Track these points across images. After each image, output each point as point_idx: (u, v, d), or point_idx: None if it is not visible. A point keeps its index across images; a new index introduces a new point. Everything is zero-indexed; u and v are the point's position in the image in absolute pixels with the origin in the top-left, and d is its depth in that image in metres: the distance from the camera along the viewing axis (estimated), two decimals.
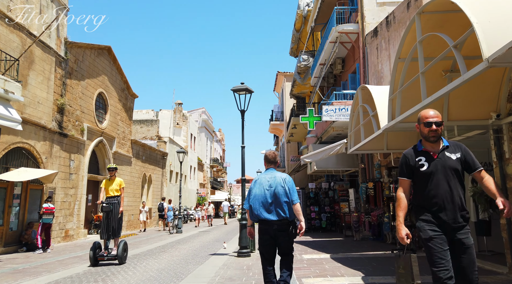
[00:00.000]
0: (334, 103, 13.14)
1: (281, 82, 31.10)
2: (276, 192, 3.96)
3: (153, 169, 23.49)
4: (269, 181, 4.05)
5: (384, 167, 11.91)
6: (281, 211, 3.92)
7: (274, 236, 3.91)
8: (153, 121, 26.65)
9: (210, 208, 20.33)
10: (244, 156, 8.86)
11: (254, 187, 4.11)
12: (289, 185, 4.04)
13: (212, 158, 47.39)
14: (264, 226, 3.96)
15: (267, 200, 3.96)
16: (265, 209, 3.95)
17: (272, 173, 4.14)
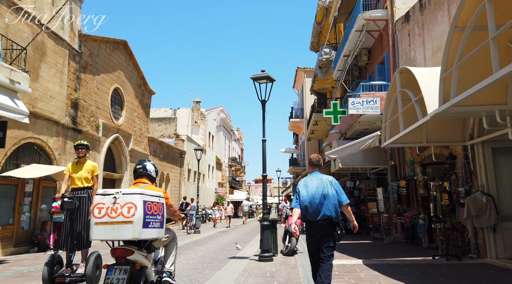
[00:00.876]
0: (361, 95, 12.18)
1: (301, 78, 30.16)
2: (324, 193, 4.09)
3: (171, 167, 23.04)
4: (316, 183, 4.19)
5: (418, 164, 10.89)
6: (328, 212, 4.04)
7: (319, 236, 4.05)
8: (171, 119, 26.26)
9: (229, 208, 19.65)
10: (265, 150, 8.08)
11: (302, 189, 4.24)
12: (336, 187, 4.18)
13: (230, 157, 46.87)
14: (312, 226, 4.11)
15: (315, 201, 4.07)
16: (313, 210, 4.07)
17: (318, 175, 4.30)
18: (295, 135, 35.03)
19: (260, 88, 8.24)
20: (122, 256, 3.27)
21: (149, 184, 4.11)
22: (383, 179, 15.44)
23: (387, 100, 7.51)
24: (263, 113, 8.27)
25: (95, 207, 3.23)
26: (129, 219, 3.16)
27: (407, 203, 10.98)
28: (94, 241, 3.68)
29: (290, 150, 29.83)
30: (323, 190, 4.12)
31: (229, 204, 19.47)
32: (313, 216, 4.05)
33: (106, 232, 3.18)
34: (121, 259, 3.28)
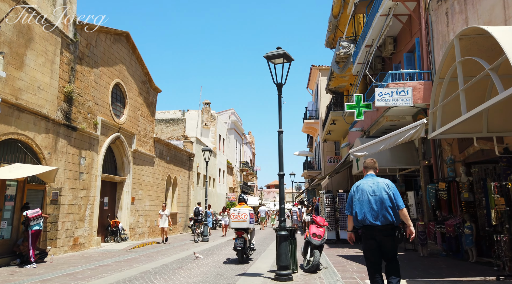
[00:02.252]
0: (390, 85, 10.65)
1: (315, 77, 28.66)
2: (381, 197, 4.01)
3: (179, 170, 21.75)
4: (372, 186, 4.11)
5: (461, 163, 9.27)
6: (387, 216, 3.95)
7: (379, 241, 3.98)
8: (179, 121, 25.04)
9: None
10: (282, 144, 6.63)
11: (357, 193, 4.15)
12: (393, 190, 4.10)
13: (241, 161, 45.48)
14: (369, 231, 4.02)
15: (373, 206, 4.01)
16: (371, 214, 4.00)
17: (374, 178, 4.21)
18: (309, 138, 33.44)
19: (275, 69, 6.82)
20: (241, 234, 8.69)
21: (245, 205, 9.28)
22: (412, 181, 13.78)
23: (436, 80, 5.98)
24: (279, 99, 6.84)
25: (231, 215, 8.96)
26: (244, 219, 8.77)
27: (448, 209, 9.36)
28: None
29: (305, 153, 28.27)
30: (380, 193, 4.03)
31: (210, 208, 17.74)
32: (373, 222, 3.98)
33: (236, 224, 8.75)
34: (240, 235, 8.69)
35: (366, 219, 4.01)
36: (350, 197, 4.24)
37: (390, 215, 3.97)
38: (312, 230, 7.54)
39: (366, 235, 4.08)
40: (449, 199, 9.33)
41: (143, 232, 16.52)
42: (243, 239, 8.67)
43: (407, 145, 12.53)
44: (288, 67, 6.84)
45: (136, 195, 15.89)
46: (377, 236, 3.98)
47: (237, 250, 8.73)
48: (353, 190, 4.26)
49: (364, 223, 4.03)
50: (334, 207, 14.50)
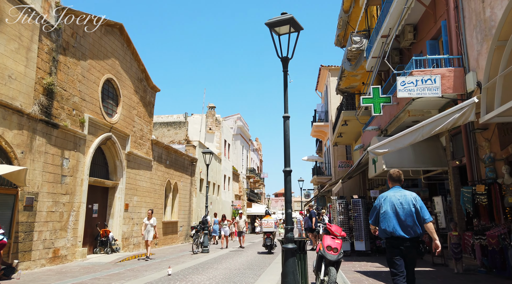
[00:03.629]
0: (414, 73, 9.21)
1: (324, 78, 27.27)
2: (409, 210, 4.08)
3: (180, 175, 20.42)
4: (400, 199, 4.17)
5: (503, 161, 7.75)
6: (415, 228, 4.04)
7: (405, 253, 4.03)
8: (181, 124, 23.81)
9: (242, 221, 15.89)
10: (289, 132, 5.24)
11: (384, 204, 4.21)
12: (420, 204, 4.16)
13: (248, 167, 44.04)
14: (396, 242, 4.06)
15: (402, 218, 4.08)
16: (400, 226, 4.06)
17: (401, 191, 4.27)
18: (319, 143, 31.93)
19: (280, 40, 5.46)
20: (269, 235, 13.59)
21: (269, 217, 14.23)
22: (437, 185, 12.21)
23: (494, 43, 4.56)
24: (285, 77, 5.46)
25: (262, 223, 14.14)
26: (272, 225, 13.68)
27: (489, 216, 7.81)
28: None
29: (314, 158, 26.75)
30: (408, 206, 4.11)
31: (241, 216, 16.04)
32: (402, 233, 4.04)
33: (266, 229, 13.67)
34: (268, 236, 13.58)
35: (396, 231, 4.09)
36: (376, 208, 4.30)
37: (418, 227, 4.08)
38: (326, 242, 6.08)
39: (392, 245, 4.14)
40: (490, 205, 7.79)
41: (138, 242, 15.15)
42: (271, 239, 13.71)
43: (432, 143, 11.03)
44: (296, 38, 5.48)
45: (131, 202, 14.57)
46: (404, 247, 4.06)
47: (267, 245, 13.67)
48: (380, 201, 4.30)
49: (394, 235, 4.10)
50: (348, 215, 12.97)
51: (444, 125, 5.26)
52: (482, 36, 8.30)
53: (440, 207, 10.25)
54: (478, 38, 8.51)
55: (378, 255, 12.14)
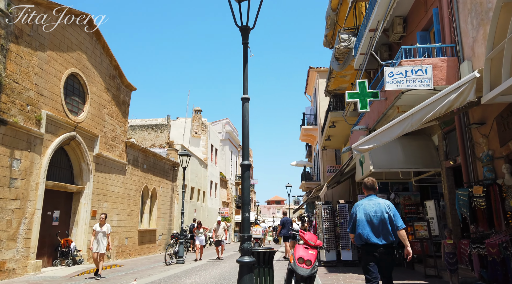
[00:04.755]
0: (403, 63, 8.31)
1: (313, 80, 26.47)
2: (383, 217, 4.22)
3: (159, 181, 19.25)
4: (374, 207, 4.31)
5: (503, 160, 6.83)
6: (388, 235, 4.18)
7: (379, 259, 4.14)
8: (163, 127, 22.69)
9: (221, 229, 14.06)
10: (248, 117, 4.24)
11: (359, 212, 4.35)
12: (393, 211, 4.30)
13: (237, 174, 42.89)
14: (370, 249, 4.16)
15: (375, 225, 4.21)
16: (373, 233, 4.19)
17: (375, 199, 4.42)
18: (308, 147, 31.00)
19: (240, 8, 4.48)
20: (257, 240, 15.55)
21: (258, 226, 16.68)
22: (429, 189, 11.27)
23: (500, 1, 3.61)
24: (245, 50, 4.46)
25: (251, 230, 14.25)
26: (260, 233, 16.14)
27: (488, 222, 6.85)
28: None
29: (302, 163, 25.78)
30: (381, 214, 4.23)
31: (219, 223, 14.29)
32: (374, 241, 4.13)
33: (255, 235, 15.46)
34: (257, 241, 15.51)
35: (369, 238, 4.17)
36: (353, 216, 4.41)
37: (391, 234, 4.17)
38: (298, 253, 5.05)
39: (366, 252, 4.21)
40: (489, 209, 6.83)
41: (109, 252, 13.92)
42: (259, 243, 15.65)
43: (423, 142, 10.11)
44: (260, 4, 4.51)
45: (100, 208, 13.38)
46: (378, 254, 4.13)
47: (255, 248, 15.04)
48: (355, 209, 4.41)
49: (368, 242, 4.17)
50: (334, 222, 11.95)
51: (437, 110, 4.31)
52: (478, 21, 7.43)
53: (432, 212, 9.30)
54: (473, 23, 7.64)
55: None
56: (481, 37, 7.35)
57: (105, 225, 9.38)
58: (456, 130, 8.16)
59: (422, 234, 9.21)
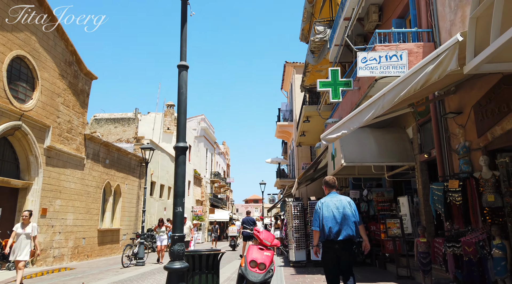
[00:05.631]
0: (377, 47, 7.70)
1: (289, 75, 25.87)
2: (344, 213, 4.37)
3: (124, 177, 18.10)
4: (336, 203, 4.47)
5: (481, 151, 6.32)
6: (350, 231, 4.31)
7: (339, 255, 4.26)
8: (130, 120, 21.47)
9: (186, 228, 12.18)
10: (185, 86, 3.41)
11: (322, 209, 4.47)
12: (354, 207, 4.52)
13: (213, 171, 41.89)
14: (331, 245, 4.30)
15: (338, 221, 4.33)
16: (336, 229, 4.30)
17: (337, 196, 4.58)
18: (284, 144, 30.42)
19: None
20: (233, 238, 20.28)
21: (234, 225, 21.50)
22: (403, 185, 10.80)
23: None
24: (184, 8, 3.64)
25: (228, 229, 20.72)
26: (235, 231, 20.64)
27: (464, 218, 6.32)
28: None
29: (277, 160, 25.14)
30: (343, 210, 4.38)
31: (185, 221, 11.96)
32: (336, 236, 4.27)
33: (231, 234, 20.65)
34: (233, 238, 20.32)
35: (331, 234, 4.30)
36: (316, 213, 4.50)
37: (352, 230, 4.33)
38: (251, 255, 4.29)
39: (327, 248, 4.33)
40: (465, 204, 6.31)
41: (62, 254, 12.75)
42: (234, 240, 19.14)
43: (397, 134, 9.58)
44: None
45: (51, 206, 12.20)
46: (338, 249, 4.27)
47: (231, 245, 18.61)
48: (319, 206, 4.54)
49: (329, 238, 4.30)
50: (305, 219, 11.30)
51: (412, 86, 3.64)
52: (456, 3, 6.90)
53: (406, 208, 8.77)
54: (451, 5, 7.10)
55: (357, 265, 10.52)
56: (459, 20, 6.83)
57: (29, 225, 7.31)
58: (432, 121, 7.63)
59: (394, 232, 8.66)
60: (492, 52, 2.73)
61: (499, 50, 2.68)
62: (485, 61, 2.92)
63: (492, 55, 2.80)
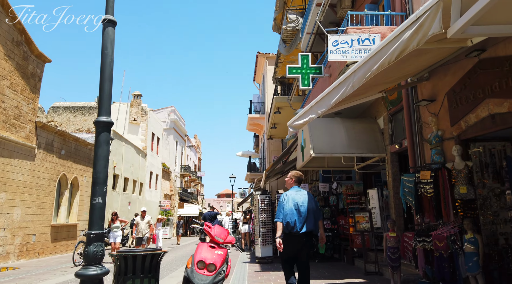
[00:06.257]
0: (349, 30, 7.23)
1: (262, 66, 25.28)
2: (308, 207, 4.55)
3: (83, 169, 16.92)
4: (301, 197, 4.62)
5: (453, 141, 5.99)
6: (312, 225, 4.53)
7: (300, 246, 4.46)
8: (91, 109, 20.14)
9: (144, 223, 11.39)
10: (111, 46, 2.69)
11: (287, 202, 4.60)
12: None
13: (183, 165, 40.79)
14: (294, 237, 4.44)
15: (302, 215, 4.49)
16: (300, 222, 4.45)
17: (301, 190, 4.74)
18: (256, 137, 29.90)
19: None
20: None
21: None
22: (373, 178, 10.48)
23: None
24: None
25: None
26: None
27: (436, 211, 5.95)
28: None
29: (248, 153, 24.58)
30: (307, 204, 4.56)
31: (144, 215, 11.64)
32: (298, 229, 4.42)
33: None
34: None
35: (296, 226, 4.44)
36: (281, 206, 4.59)
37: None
38: (199, 254, 3.65)
39: (289, 241, 4.45)
40: (437, 196, 5.94)
41: (7, 252, 11.59)
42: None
43: (368, 125, 9.20)
44: None
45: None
46: (299, 242, 4.43)
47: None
48: (283, 198, 4.64)
49: (292, 230, 4.42)
50: (273, 214, 10.79)
51: (386, 57, 3.11)
52: None
53: (375, 201, 8.42)
54: None
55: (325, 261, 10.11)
56: None
57: None
58: (404, 110, 7.24)
59: (363, 226, 8.29)
60: (480, 9, 2.22)
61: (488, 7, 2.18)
62: (472, 21, 2.42)
63: (480, 13, 2.30)
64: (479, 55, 5.33)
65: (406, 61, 4.38)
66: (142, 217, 11.65)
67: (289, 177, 4.89)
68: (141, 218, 11.59)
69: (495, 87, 5.11)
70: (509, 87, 4.87)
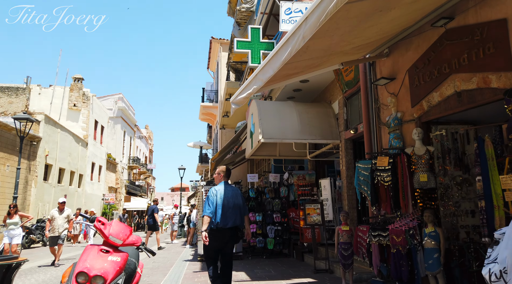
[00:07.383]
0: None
1: (216, 53, 23.99)
2: (236, 203, 4.63)
3: (5, 157, 14.75)
4: (230, 192, 4.68)
5: (414, 123, 5.35)
6: (238, 220, 4.62)
7: (226, 240, 4.54)
8: (19, 90, 17.73)
9: (61, 218, 8.94)
10: None
11: (216, 197, 4.58)
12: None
13: (131, 157, 38.44)
14: (220, 232, 4.46)
15: (231, 210, 4.56)
16: (228, 217, 4.51)
17: (230, 186, 4.81)
18: (209, 127, 28.63)
19: None
20: None
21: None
22: (327, 168, 9.84)
23: None
24: None
25: None
26: None
27: (394, 202, 5.28)
28: None
29: (199, 144, 23.31)
30: (235, 200, 4.64)
31: (62, 209, 9.10)
32: (225, 224, 4.46)
33: None
34: None
35: (224, 221, 4.45)
36: (210, 200, 4.57)
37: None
38: (84, 261, 2.55)
39: (215, 236, 4.42)
40: (395, 185, 5.27)
41: None
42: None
43: (322, 109, 8.45)
44: None
45: None
46: (226, 237, 4.48)
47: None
48: (212, 193, 4.62)
49: (219, 225, 4.43)
50: None
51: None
52: None
53: (327, 192, 7.72)
54: None
55: (251, 258, 9.24)
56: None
57: None
58: (360, 91, 6.54)
59: (314, 219, 7.54)
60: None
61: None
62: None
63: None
64: (445, 25, 4.68)
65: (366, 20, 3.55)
66: (60, 211, 9.06)
67: (217, 173, 4.89)
68: (59, 212, 9.04)
69: (463, 60, 4.47)
70: (480, 60, 4.23)
